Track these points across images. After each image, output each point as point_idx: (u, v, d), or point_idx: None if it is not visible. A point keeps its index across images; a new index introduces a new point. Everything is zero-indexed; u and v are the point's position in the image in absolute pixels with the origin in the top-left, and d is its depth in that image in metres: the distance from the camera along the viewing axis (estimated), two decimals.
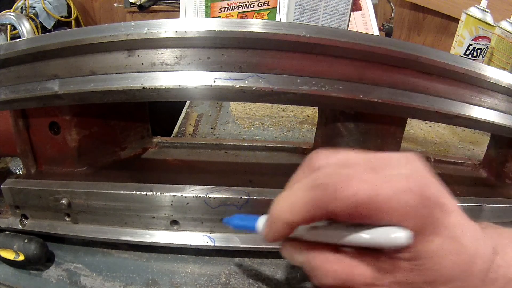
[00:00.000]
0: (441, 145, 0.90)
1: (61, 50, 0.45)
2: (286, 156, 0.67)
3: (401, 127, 0.56)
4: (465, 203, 0.55)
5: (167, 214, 0.51)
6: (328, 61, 0.45)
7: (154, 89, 0.45)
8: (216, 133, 0.86)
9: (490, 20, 1.07)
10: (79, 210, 0.52)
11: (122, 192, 0.50)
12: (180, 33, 0.42)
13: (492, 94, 0.52)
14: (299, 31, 0.43)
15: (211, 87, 0.44)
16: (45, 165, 0.59)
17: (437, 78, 0.49)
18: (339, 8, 0.92)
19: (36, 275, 0.51)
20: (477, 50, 1.11)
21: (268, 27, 0.43)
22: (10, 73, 0.49)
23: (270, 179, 0.60)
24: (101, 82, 0.46)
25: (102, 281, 0.50)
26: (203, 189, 0.50)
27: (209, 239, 0.52)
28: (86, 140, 0.56)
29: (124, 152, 0.63)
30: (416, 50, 0.46)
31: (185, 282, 0.51)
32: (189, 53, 0.44)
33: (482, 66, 0.50)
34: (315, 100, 0.48)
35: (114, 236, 0.52)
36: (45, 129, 0.55)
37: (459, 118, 0.51)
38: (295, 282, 0.51)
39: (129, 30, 0.43)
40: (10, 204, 0.54)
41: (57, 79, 0.47)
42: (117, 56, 0.45)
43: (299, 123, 0.92)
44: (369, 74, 0.46)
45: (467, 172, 0.72)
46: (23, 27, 0.92)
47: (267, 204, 0.50)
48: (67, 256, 0.54)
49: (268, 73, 0.45)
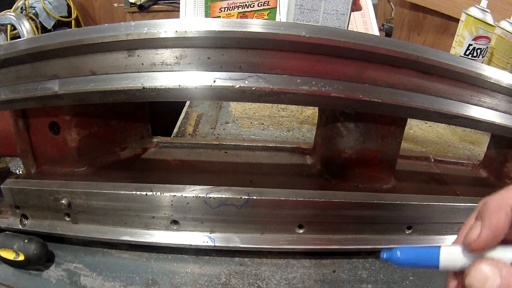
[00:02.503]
0: (441, 145, 0.90)
1: (61, 50, 0.45)
2: (286, 156, 0.67)
3: (401, 127, 0.56)
4: (465, 203, 0.55)
5: (167, 214, 0.51)
6: (328, 61, 0.45)
7: (154, 89, 0.45)
8: (216, 133, 0.86)
9: (490, 20, 1.07)
10: (79, 210, 0.52)
11: (122, 192, 0.50)
12: (180, 33, 0.42)
13: (492, 94, 0.52)
14: (299, 31, 0.43)
15: (211, 87, 0.44)
16: (45, 165, 0.59)
17: (437, 78, 0.49)
18: (339, 8, 0.92)
19: (36, 275, 0.51)
20: (477, 50, 1.11)
21: (268, 27, 0.43)
22: (10, 73, 0.49)
23: (270, 179, 0.60)
24: (101, 82, 0.46)
25: (102, 281, 0.50)
26: (203, 189, 0.50)
27: (209, 239, 0.52)
28: (86, 140, 0.56)
29: (124, 152, 0.63)
30: (416, 50, 0.46)
31: (185, 282, 0.51)
32: (189, 53, 0.44)
33: (482, 66, 0.50)
34: (315, 100, 0.48)
35: (114, 236, 0.52)
36: (45, 129, 0.55)
37: (459, 118, 0.51)
38: (295, 282, 0.51)
39: (129, 30, 0.43)
40: (10, 204, 0.54)
41: (57, 79, 0.47)
42: (117, 56, 0.45)
43: (299, 123, 0.92)
44: (369, 74, 0.46)
45: (467, 172, 0.72)
46: (23, 27, 0.92)
47: (267, 204, 0.51)
48: (67, 256, 0.54)
49: (268, 73, 0.45)
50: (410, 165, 0.69)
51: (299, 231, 0.53)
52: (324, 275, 0.53)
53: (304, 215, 0.52)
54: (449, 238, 0.57)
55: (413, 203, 0.53)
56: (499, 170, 0.67)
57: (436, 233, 0.56)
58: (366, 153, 0.56)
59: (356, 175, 0.58)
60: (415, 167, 0.69)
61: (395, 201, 0.53)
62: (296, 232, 0.53)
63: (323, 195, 0.52)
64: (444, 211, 0.55)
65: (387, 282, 0.53)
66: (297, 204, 0.51)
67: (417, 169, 0.69)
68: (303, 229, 0.53)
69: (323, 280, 0.52)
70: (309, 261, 0.55)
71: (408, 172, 0.66)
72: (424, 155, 0.72)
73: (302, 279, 0.52)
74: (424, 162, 0.71)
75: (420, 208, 0.54)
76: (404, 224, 0.55)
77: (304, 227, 0.53)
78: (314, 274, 0.53)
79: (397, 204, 0.53)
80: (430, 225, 0.56)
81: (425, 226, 0.56)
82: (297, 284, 0.51)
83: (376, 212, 0.53)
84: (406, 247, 0.32)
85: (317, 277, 0.53)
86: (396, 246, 0.33)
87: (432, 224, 0.56)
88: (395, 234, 0.55)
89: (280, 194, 0.51)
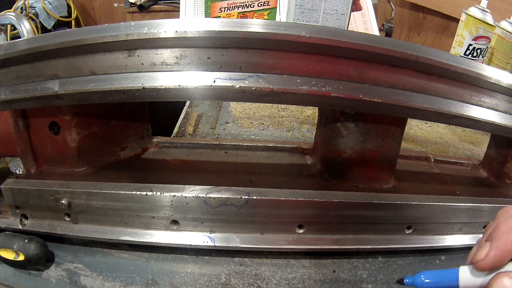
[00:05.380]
0: (441, 145, 0.90)
1: (61, 50, 0.45)
2: (286, 156, 0.67)
3: (401, 127, 0.56)
4: (465, 203, 0.55)
5: (167, 214, 0.51)
6: (328, 61, 0.45)
7: (154, 89, 0.45)
8: (216, 133, 0.86)
9: (490, 20, 1.07)
10: (79, 210, 0.52)
11: (122, 192, 0.50)
12: (180, 33, 0.42)
13: (492, 94, 0.52)
14: (299, 31, 0.43)
15: (211, 87, 0.44)
16: (45, 165, 0.59)
17: (437, 78, 0.49)
18: (339, 8, 0.92)
19: (36, 275, 0.51)
20: (477, 50, 1.11)
21: (268, 27, 0.43)
22: (10, 73, 0.49)
23: (270, 179, 0.60)
24: (101, 82, 0.46)
25: (102, 281, 0.50)
26: (203, 189, 0.50)
27: (209, 239, 0.52)
28: (86, 140, 0.56)
29: (124, 152, 0.63)
30: (416, 50, 0.46)
31: (185, 282, 0.51)
32: (189, 53, 0.44)
33: (482, 66, 0.50)
34: (315, 100, 0.48)
35: (114, 236, 0.52)
36: (45, 129, 0.55)
37: (459, 118, 0.51)
38: (295, 282, 0.51)
39: (129, 30, 0.43)
40: (10, 204, 0.54)
41: (57, 79, 0.47)
42: (117, 56, 0.45)
43: (299, 123, 0.92)
44: (369, 74, 0.46)
45: (467, 172, 0.72)
46: (23, 27, 0.92)
47: (267, 204, 0.51)
48: (67, 256, 0.54)
49: (268, 73, 0.45)
50: (410, 165, 0.69)
51: (299, 231, 0.53)
52: (324, 275, 0.53)
53: (304, 215, 0.52)
54: (449, 238, 0.57)
55: (413, 203, 0.53)
56: (499, 170, 0.67)
57: (436, 233, 0.56)
58: (366, 153, 0.56)
59: (356, 175, 0.58)
60: (415, 167, 0.69)
61: (395, 201, 0.53)
62: (296, 232, 0.53)
63: (323, 195, 0.52)
64: (444, 211, 0.55)
65: (387, 282, 0.53)
66: (297, 204, 0.51)
67: (417, 169, 0.69)
68: (303, 229, 0.53)
69: (323, 280, 0.52)
70: (309, 261, 0.55)
71: (408, 172, 0.66)
72: (424, 155, 0.72)
73: (302, 279, 0.52)
74: (424, 162, 0.71)
75: (420, 208, 0.54)
76: (404, 224, 0.55)
77: (304, 227, 0.53)
78: (314, 274, 0.53)
79: (397, 204, 0.53)
80: (430, 225, 0.56)
81: (425, 226, 0.56)
82: (297, 284, 0.51)
83: (376, 212, 0.53)
84: (428, 271, 0.35)
85: (317, 277, 0.53)
86: (418, 271, 0.36)
87: (432, 224, 0.56)
88: (395, 234, 0.55)
89: (280, 194, 0.51)
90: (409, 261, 0.56)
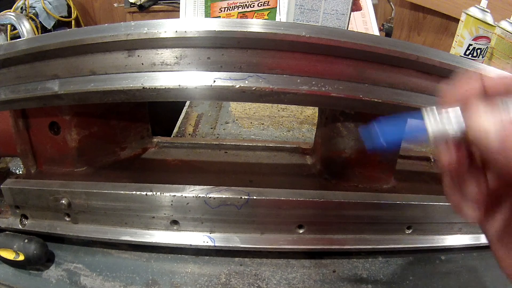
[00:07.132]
0: None
1: (61, 50, 0.45)
2: (286, 156, 0.67)
3: None
4: None
5: (167, 214, 0.51)
6: (328, 61, 0.45)
7: (154, 89, 0.45)
8: (216, 133, 0.86)
9: (490, 20, 1.07)
10: (79, 210, 0.52)
11: (122, 192, 0.50)
12: (180, 33, 0.42)
13: None
14: (299, 31, 0.42)
15: (211, 87, 0.44)
16: (45, 165, 0.59)
17: (437, 78, 0.49)
18: (339, 8, 0.92)
19: (36, 275, 0.51)
20: (477, 50, 1.11)
21: (268, 27, 0.43)
22: (10, 73, 0.49)
23: (270, 179, 0.60)
24: (101, 82, 0.46)
25: (102, 281, 0.50)
26: (203, 189, 0.50)
27: (209, 239, 0.52)
28: (86, 140, 0.56)
29: (124, 152, 0.63)
30: (416, 50, 0.46)
31: (185, 282, 0.51)
32: (189, 53, 0.44)
33: (482, 66, 0.50)
34: (315, 100, 0.48)
35: (114, 236, 0.52)
36: (45, 129, 0.55)
37: None
38: (295, 282, 0.51)
39: (129, 30, 0.43)
40: (10, 204, 0.54)
41: (57, 79, 0.47)
42: (117, 56, 0.45)
43: (299, 123, 0.92)
44: (369, 74, 0.46)
45: None
46: (23, 27, 0.92)
47: (267, 204, 0.51)
48: (67, 256, 0.54)
49: (268, 73, 0.45)
50: (410, 165, 0.69)
51: (299, 231, 0.53)
52: (324, 275, 0.53)
53: (304, 215, 0.52)
54: (449, 238, 0.57)
55: (413, 203, 0.53)
56: None
57: (436, 233, 0.56)
58: (366, 153, 0.56)
59: (356, 175, 0.58)
60: (415, 167, 0.69)
61: (395, 201, 0.53)
62: (296, 232, 0.53)
63: (323, 195, 0.52)
64: (444, 211, 0.55)
65: (387, 282, 0.53)
66: (297, 204, 0.51)
67: (417, 169, 0.68)
68: (303, 229, 0.53)
69: (323, 280, 0.52)
70: (309, 261, 0.55)
71: (408, 172, 0.66)
72: (424, 155, 0.72)
73: (302, 279, 0.52)
74: (424, 162, 0.71)
75: (420, 208, 0.54)
76: (404, 224, 0.55)
77: (304, 227, 0.53)
78: (314, 274, 0.53)
79: (397, 204, 0.53)
80: (430, 225, 0.56)
81: (425, 226, 0.56)
82: (297, 284, 0.51)
83: (376, 212, 0.53)
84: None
85: (317, 277, 0.52)
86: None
87: (432, 224, 0.56)
88: (395, 234, 0.55)
89: (280, 194, 0.51)
90: (409, 261, 0.56)
